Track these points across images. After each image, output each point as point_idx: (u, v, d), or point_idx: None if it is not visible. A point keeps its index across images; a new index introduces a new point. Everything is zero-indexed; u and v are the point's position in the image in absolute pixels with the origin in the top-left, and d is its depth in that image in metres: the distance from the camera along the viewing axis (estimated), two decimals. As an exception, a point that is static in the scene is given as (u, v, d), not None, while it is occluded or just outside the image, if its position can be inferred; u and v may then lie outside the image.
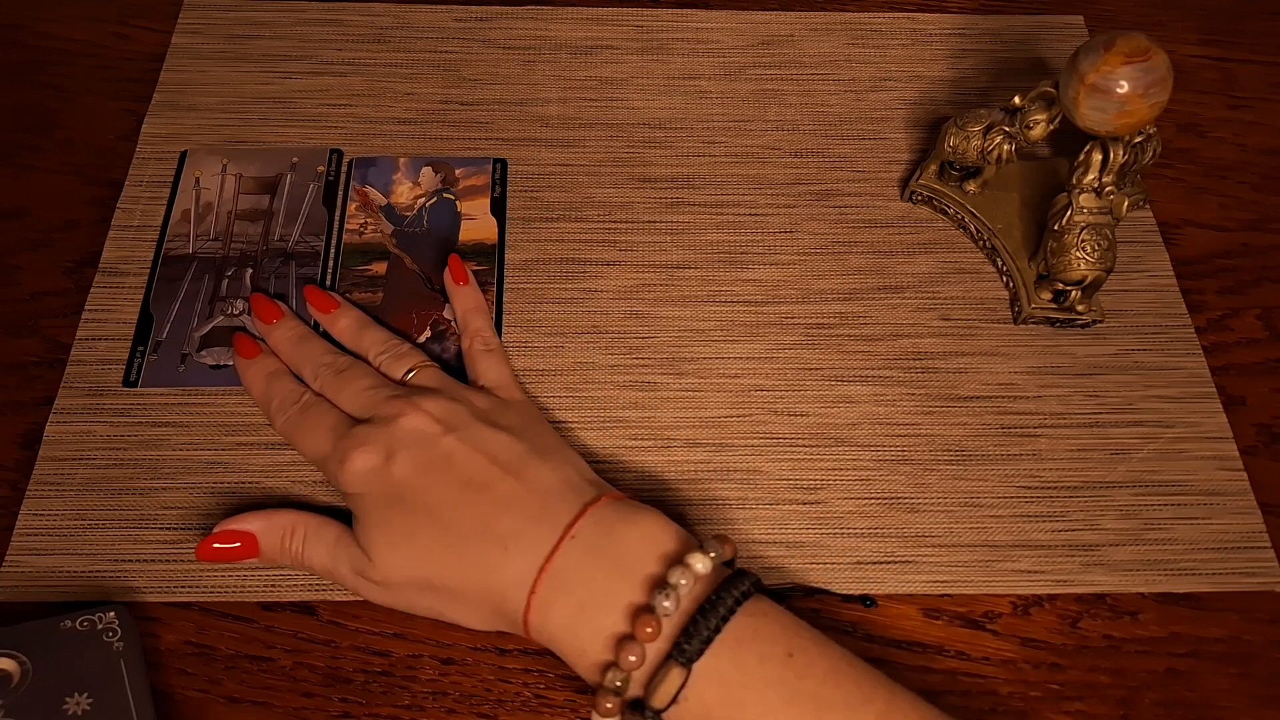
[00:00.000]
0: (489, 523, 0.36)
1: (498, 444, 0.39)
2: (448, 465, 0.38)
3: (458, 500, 0.37)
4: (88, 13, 0.57)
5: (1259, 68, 0.58)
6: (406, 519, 0.37)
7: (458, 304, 0.46)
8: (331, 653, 0.40)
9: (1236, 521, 0.44)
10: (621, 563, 0.35)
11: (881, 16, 0.58)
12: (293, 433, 0.42)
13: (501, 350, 0.45)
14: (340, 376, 0.42)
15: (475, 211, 0.50)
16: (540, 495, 0.37)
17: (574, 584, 0.35)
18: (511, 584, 0.36)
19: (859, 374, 0.47)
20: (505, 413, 0.41)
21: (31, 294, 0.47)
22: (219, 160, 0.51)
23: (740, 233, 0.50)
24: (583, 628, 0.35)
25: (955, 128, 0.48)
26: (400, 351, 0.44)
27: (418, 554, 0.37)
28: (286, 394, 0.43)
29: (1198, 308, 0.49)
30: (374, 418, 0.40)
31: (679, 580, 0.34)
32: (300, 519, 0.40)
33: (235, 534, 0.39)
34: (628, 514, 0.37)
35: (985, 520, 0.43)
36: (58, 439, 0.43)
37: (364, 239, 0.49)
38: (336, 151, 0.51)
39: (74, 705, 0.35)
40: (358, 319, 0.46)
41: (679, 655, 0.33)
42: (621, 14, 0.58)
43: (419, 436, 0.38)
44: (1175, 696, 0.40)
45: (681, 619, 0.34)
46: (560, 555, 0.35)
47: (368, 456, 0.38)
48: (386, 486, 0.38)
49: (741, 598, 0.34)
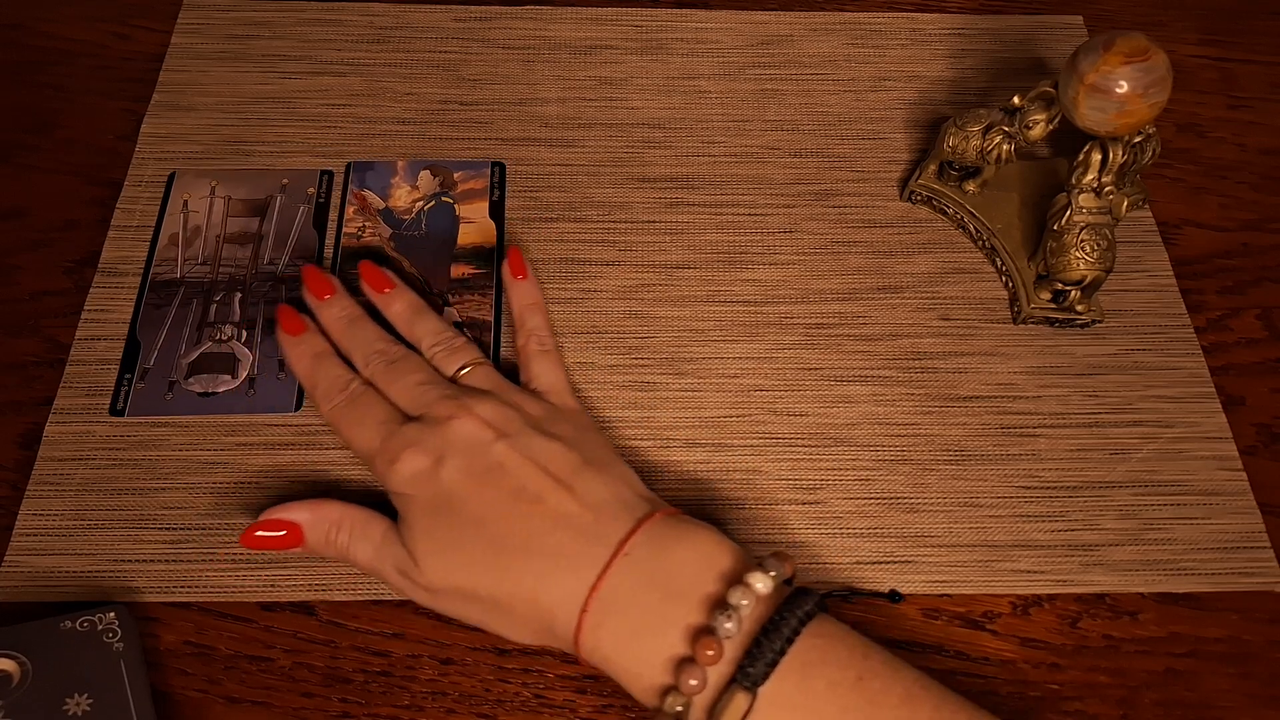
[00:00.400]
0: (539, 537, 0.36)
1: (550, 454, 0.38)
2: (498, 474, 0.37)
3: (508, 512, 0.36)
4: (88, 13, 0.57)
5: (1259, 68, 0.58)
6: (454, 528, 0.36)
7: (515, 299, 0.45)
8: (331, 653, 0.40)
9: (1236, 521, 0.44)
10: (677, 582, 0.34)
11: (881, 16, 0.58)
12: (340, 422, 0.41)
13: (557, 352, 0.44)
14: (392, 367, 0.41)
15: (474, 215, 0.50)
16: (592, 510, 0.36)
17: (627, 604, 0.34)
18: (561, 602, 0.35)
19: (858, 374, 0.47)
20: (558, 420, 0.40)
21: (31, 294, 0.47)
22: (208, 183, 0.50)
23: (740, 233, 0.50)
24: (638, 649, 0.34)
25: (955, 128, 0.48)
26: (455, 345, 0.43)
27: (465, 564, 0.36)
28: (334, 380, 0.41)
29: (1197, 308, 0.49)
30: (425, 417, 0.39)
31: (740, 600, 0.33)
32: (347, 513, 0.39)
33: (281, 523, 0.39)
34: (682, 530, 0.36)
35: (985, 520, 0.43)
36: (57, 439, 0.43)
37: (362, 242, 0.49)
38: (327, 173, 0.51)
39: (74, 706, 0.35)
40: (413, 304, 0.44)
41: (743, 679, 0.32)
42: (621, 14, 0.58)
43: (470, 442, 0.38)
44: (1175, 696, 0.40)
45: (744, 641, 0.33)
46: (612, 574, 0.35)
47: (417, 459, 0.37)
48: (434, 492, 0.37)
49: (806, 618, 0.33)
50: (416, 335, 0.43)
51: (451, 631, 0.40)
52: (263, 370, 0.45)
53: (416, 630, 0.40)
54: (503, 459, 0.37)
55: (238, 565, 0.41)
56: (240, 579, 0.41)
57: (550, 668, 0.40)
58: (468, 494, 0.37)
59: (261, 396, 0.45)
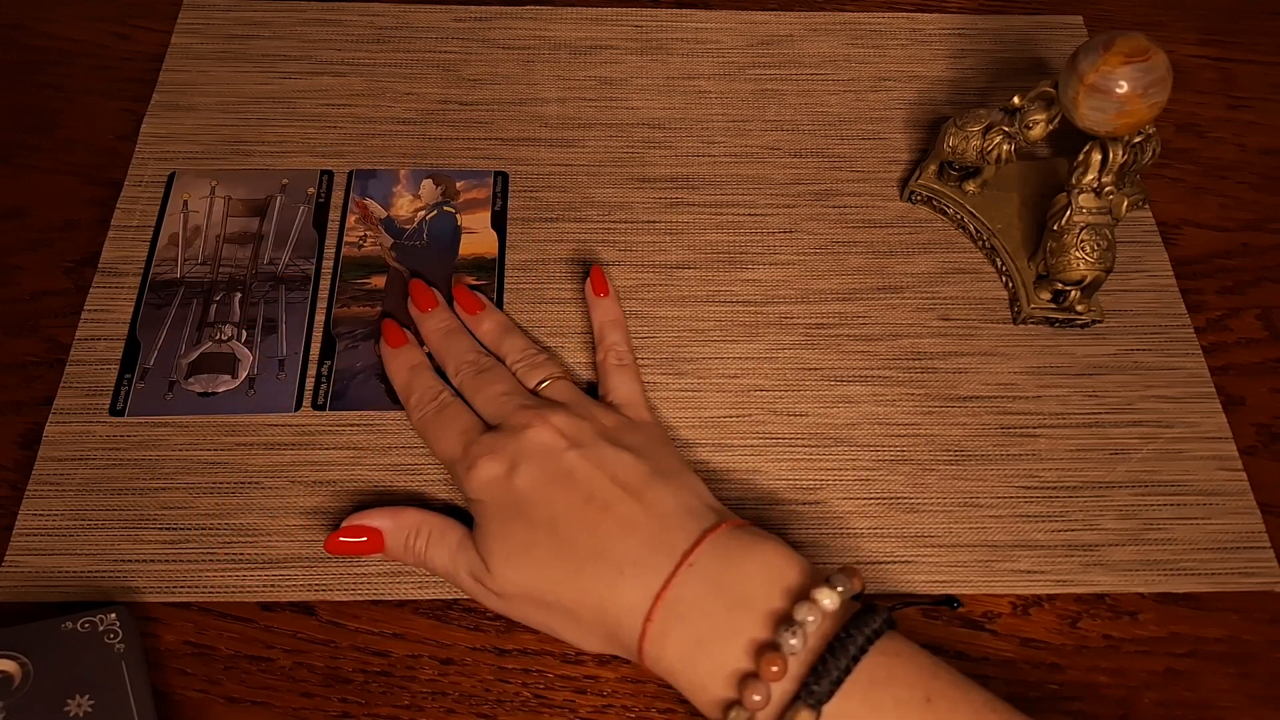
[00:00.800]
0: (607, 544, 0.36)
1: (620, 463, 0.38)
2: (569, 481, 0.38)
3: (577, 518, 0.37)
4: (88, 13, 0.57)
5: (1258, 68, 0.58)
6: (525, 532, 0.37)
7: (596, 315, 0.46)
8: (331, 653, 0.40)
9: (1236, 521, 0.44)
10: (742, 595, 0.34)
11: (881, 16, 0.58)
12: (427, 430, 0.42)
13: (634, 367, 0.45)
14: (480, 376, 0.43)
15: (476, 225, 0.50)
16: (659, 519, 0.36)
17: (692, 615, 0.34)
18: (627, 610, 0.35)
19: (858, 374, 0.47)
20: (630, 432, 0.41)
21: (31, 294, 0.47)
22: (208, 183, 0.50)
23: (740, 233, 0.50)
24: (702, 662, 0.34)
25: (955, 128, 0.48)
26: (537, 361, 0.44)
27: (534, 569, 0.37)
28: (426, 389, 0.43)
29: (1197, 308, 0.49)
30: (503, 425, 0.40)
31: (806, 617, 0.32)
32: (426, 519, 0.40)
33: (363, 529, 0.40)
34: (749, 542, 0.36)
35: (985, 520, 0.43)
36: (57, 439, 0.43)
37: (363, 252, 0.49)
38: (327, 173, 0.51)
39: (75, 707, 0.35)
40: (501, 323, 0.46)
41: (808, 697, 0.31)
42: (621, 14, 0.58)
43: (544, 450, 0.38)
44: (1175, 696, 0.40)
45: (809, 658, 0.32)
46: (677, 584, 0.35)
47: (493, 465, 0.38)
48: (508, 497, 0.38)
49: (874, 636, 0.32)
50: (504, 351, 0.45)
51: (451, 631, 0.40)
52: (262, 370, 0.45)
53: (416, 630, 0.40)
54: (574, 466, 0.38)
55: (238, 565, 0.41)
56: (240, 579, 0.41)
57: (550, 668, 0.40)
58: (539, 499, 0.37)
59: (261, 396, 0.45)
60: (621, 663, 0.40)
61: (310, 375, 0.45)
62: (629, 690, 0.39)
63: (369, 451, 0.44)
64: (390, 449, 0.44)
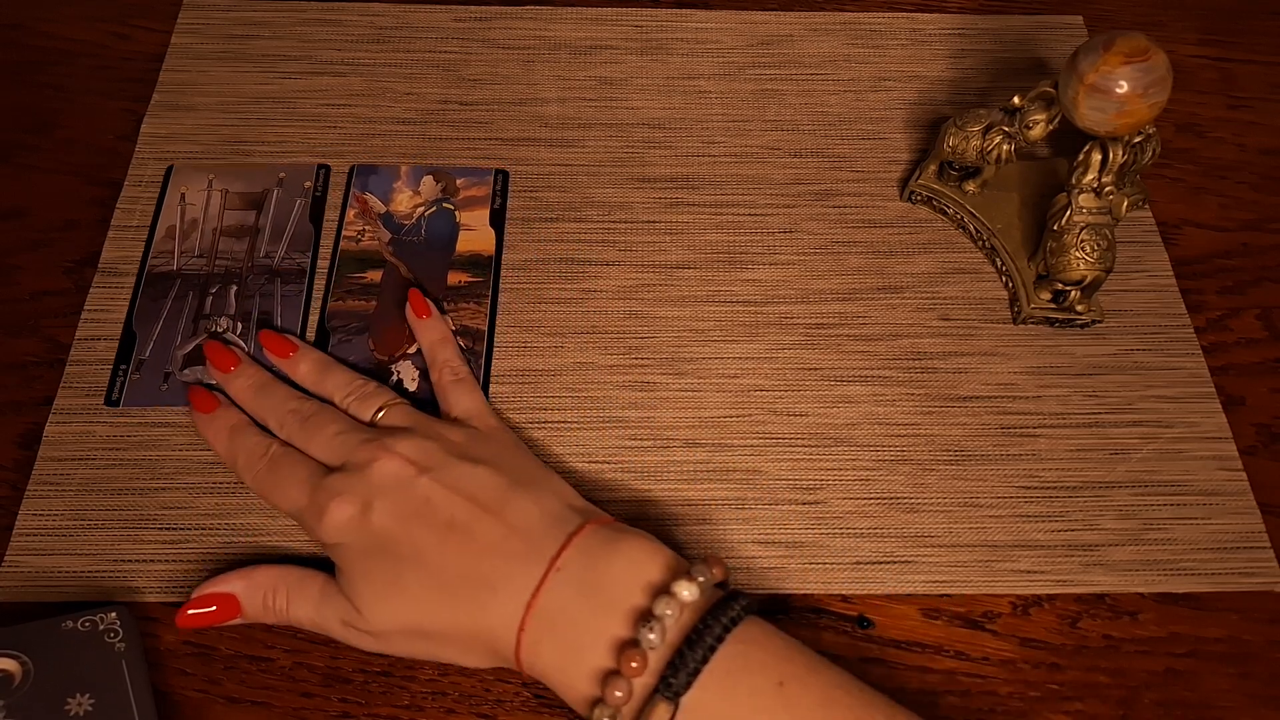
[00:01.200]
0: (474, 566, 0.36)
1: (476, 481, 0.38)
2: (427, 509, 0.37)
3: (441, 546, 0.36)
4: (88, 13, 0.57)
5: (1258, 68, 0.58)
6: (391, 568, 0.36)
7: (423, 337, 0.45)
8: (331, 653, 0.40)
9: (1236, 521, 0.44)
10: (606, 595, 0.34)
11: (881, 16, 0.58)
12: (264, 488, 0.40)
13: (472, 379, 0.44)
14: (308, 424, 0.41)
15: (474, 222, 0.50)
16: (523, 534, 0.36)
17: (561, 621, 0.35)
18: (500, 624, 0.35)
19: (858, 374, 0.47)
20: (481, 444, 0.40)
21: (31, 294, 0.47)
22: (205, 176, 0.50)
23: (740, 233, 0.50)
24: (570, 665, 0.34)
25: (955, 128, 0.48)
26: (366, 391, 0.43)
27: (406, 603, 0.36)
28: (252, 448, 0.41)
29: (1197, 308, 0.49)
30: (347, 464, 0.39)
31: (664, 611, 0.33)
32: (281, 575, 0.39)
33: (213, 597, 0.38)
34: (612, 541, 0.36)
35: (985, 520, 0.43)
36: (57, 439, 0.43)
37: (361, 246, 0.49)
38: (324, 167, 0.51)
39: (76, 706, 0.35)
40: (318, 361, 0.44)
41: (665, 690, 0.32)
42: (621, 14, 0.58)
43: (395, 482, 0.38)
44: (1175, 696, 0.40)
45: (668, 651, 0.33)
46: (545, 592, 0.35)
47: (345, 507, 0.37)
48: (367, 536, 0.37)
49: (730, 624, 0.33)
50: (328, 391, 0.43)
51: (452, 631, 0.40)
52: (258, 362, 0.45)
53: (417, 630, 0.40)
54: (429, 493, 0.37)
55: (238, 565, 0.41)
56: (240, 579, 0.41)
57: (550, 668, 0.40)
58: (399, 534, 0.37)
59: None
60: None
61: None
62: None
63: (369, 451, 0.44)
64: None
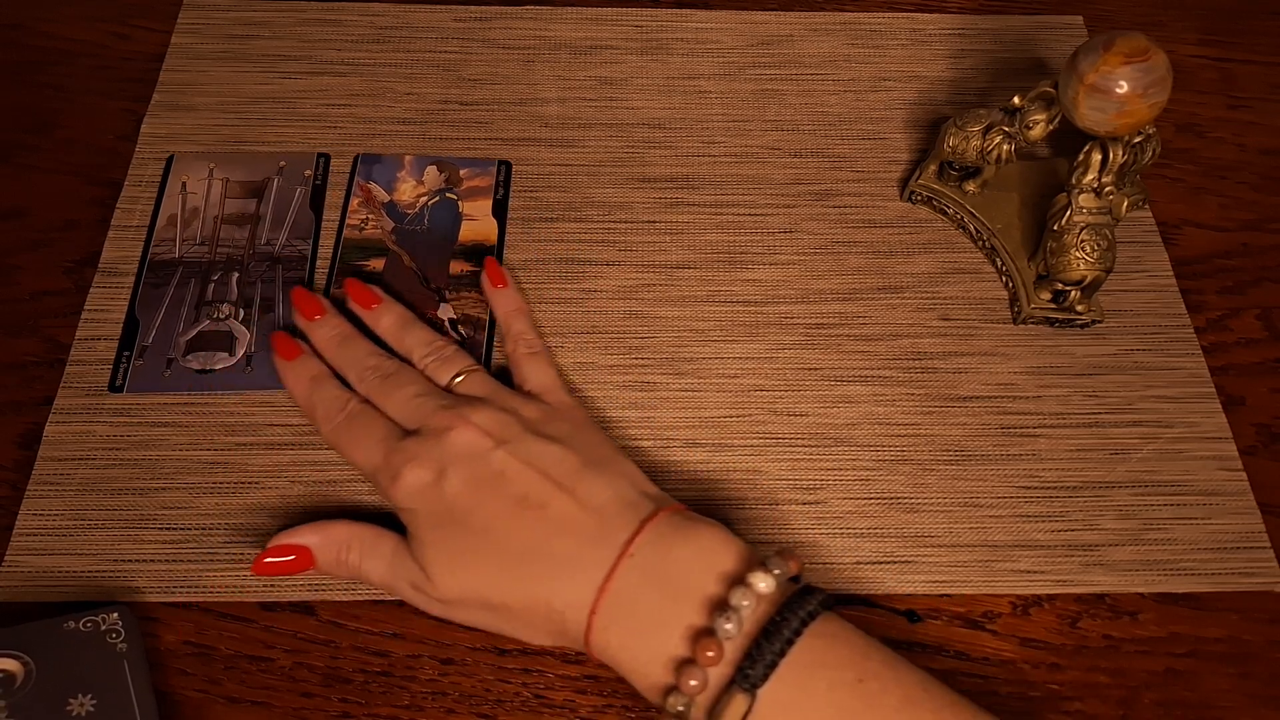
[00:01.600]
0: (546, 544, 0.36)
1: (549, 457, 0.38)
2: (500, 482, 0.37)
3: (513, 521, 0.37)
4: (88, 13, 0.57)
5: (1258, 68, 0.58)
6: (463, 539, 0.37)
7: (497, 307, 0.46)
8: (331, 653, 0.40)
9: (1236, 521, 0.44)
10: (679, 583, 0.34)
11: (881, 16, 0.58)
12: (340, 442, 0.41)
13: (546, 352, 0.44)
14: (387, 382, 0.41)
15: (476, 212, 0.50)
16: (596, 514, 0.36)
17: (633, 606, 0.35)
18: (571, 605, 0.35)
19: (858, 374, 0.47)
20: (555, 421, 0.40)
21: (31, 294, 0.47)
22: (206, 165, 0.51)
23: (740, 233, 0.50)
24: (642, 650, 0.34)
25: (955, 128, 0.48)
26: (446, 354, 0.43)
27: (476, 575, 0.37)
28: (331, 401, 0.41)
29: (1197, 308, 0.49)
30: (423, 429, 0.39)
31: (741, 602, 0.33)
32: (356, 532, 0.39)
33: (290, 547, 0.39)
34: (685, 529, 0.36)
35: (985, 520, 0.43)
36: (57, 439, 0.43)
37: (364, 235, 0.49)
38: (324, 155, 0.51)
39: (77, 706, 0.35)
40: (401, 316, 0.45)
41: (742, 681, 0.32)
42: (621, 14, 0.58)
43: (469, 452, 0.38)
44: (1175, 696, 0.40)
45: (744, 642, 0.33)
46: (618, 576, 0.35)
47: (419, 473, 0.38)
48: (440, 504, 0.37)
49: (808, 618, 0.33)
50: (407, 347, 0.43)
51: (452, 631, 0.40)
52: (260, 348, 0.46)
53: (416, 630, 0.40)
54: (503, 467, 0.37)
55: (238, 565, 0.41)
56: (240, 579, 0.41)
57: (550, 668, 0.40)
58: (472, 505, 0.37)
59: (259, 373, 0.45)
60: (622, 663, 0.40)
61: None
62: (629, 690, 0.39)
63: (369, 451, 0.44)
64: (390, 449, 0.44)
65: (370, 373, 0.42)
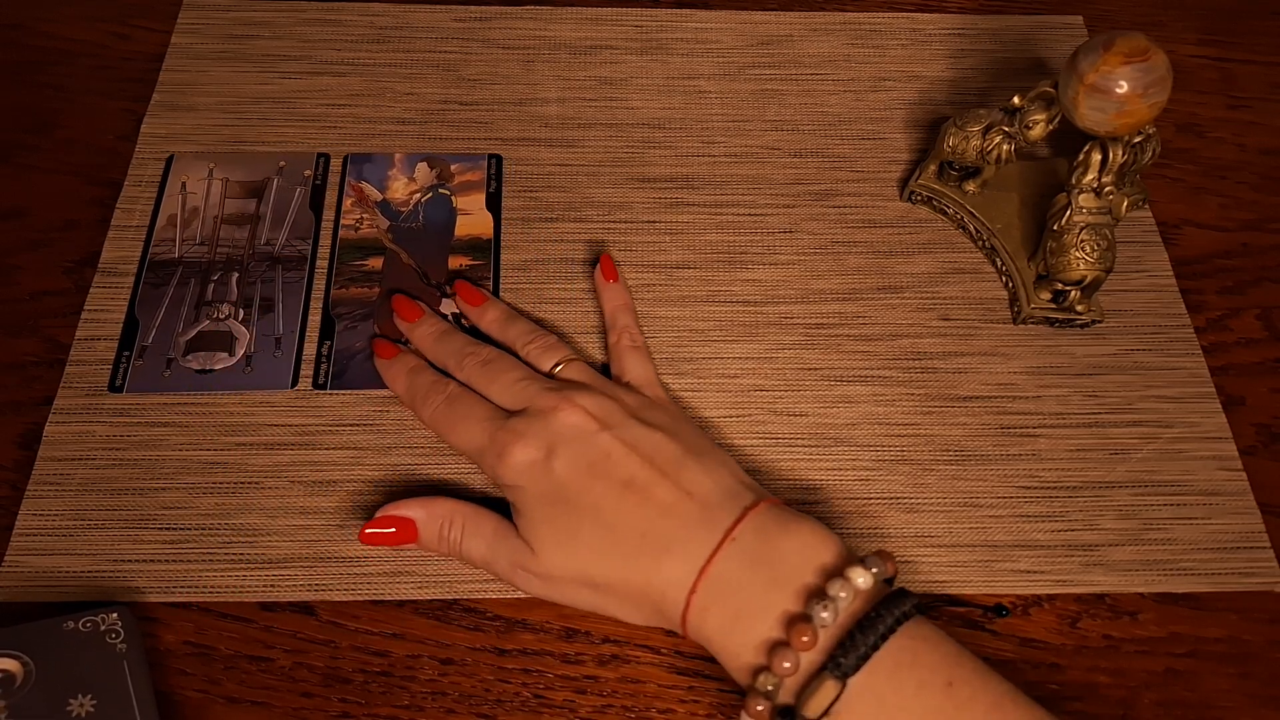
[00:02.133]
0: (650, 526, 0.37)
1: (652, 444, 0.39)
2: (607, 464, 0.38)
3: (618, 503, 0.37)
4: (88, 13, 0.57)
5: (1258, 68, 0.58)
6: (569, 517, 0.38)
7: (606, 300, 0.46)
8: (331, 653, 0.40)
9: (1236, 521, 0.44)
10: (779, 571, 0.35)
11: (881, 16, 0.58)
12: (442, 424, 0.42)
13: (646, 348, 0.45)
14: (488, 367, 0.42)
15: (470, 207, 0.50)
16: (699, 500, 0.37)
17: (732, 589, 0.35)
18: (671, 585, 0.36)
19: (858, 374, 0.47)
20: (654, 411, 0.41)
21: (31, 294, 0.47)
22: (206, 165, 0.51)
23: (740, 233, 0.50)
24: (738, 633, 0.35)
25: (955, 128, 0.48)
26: (548, 343, 0.44)
27: (581, 553, 0.37)
28: (431, 386, 0.43)
29: (1197, 308, 0.49)
30: (528, 410, 0.40)
31: (838, 593, 0.34)
32: (458, 509, 0.40)
33: (395, 519, 0.40)
34: (786, 521, 0.37)
35: (985, 520, 0.43)
36: (57, 439, 0.43)
37: (360, 234, 0.49)
38: (324, 155, 0.51)
39: (77, 707, 0.35)
40: (505, 311, 0.46)
41: (834, 668, 0.33)
42: (621, 14, 0.58)
43: (576, 433, 0.39)
44: (1175, 696, 0.40)
45: (838, 632, 0.34)
46: (719, 560, 0.36)
47: (528, 450, 0.39)
48: (547, 483, 0.38)
49: (902, 618, 0.34)
50: (510, 337, 0.45)
51: (451, 631, 0.40)
52: (260, 348, 0.46)
53: (416, 630, 0.40)
54: (609, 449, 0.38)
55: (238, 565, 0.41)
56: (240, 579, 0.41)
57: (550, 668, 0.40)
58: (579, 485, 0.38)
59: (259, 373, 0.45)
60: (622, 662, 0.40)
61: (309, 356, 0.46)
62: (629, 690, 0.39)
63: (369, 452, 0.44)
64: (391, 449, 0.44)
65: (471, 359, 0.43)
